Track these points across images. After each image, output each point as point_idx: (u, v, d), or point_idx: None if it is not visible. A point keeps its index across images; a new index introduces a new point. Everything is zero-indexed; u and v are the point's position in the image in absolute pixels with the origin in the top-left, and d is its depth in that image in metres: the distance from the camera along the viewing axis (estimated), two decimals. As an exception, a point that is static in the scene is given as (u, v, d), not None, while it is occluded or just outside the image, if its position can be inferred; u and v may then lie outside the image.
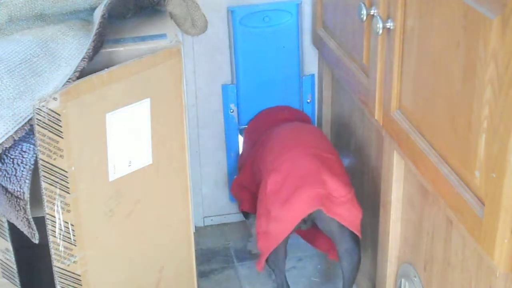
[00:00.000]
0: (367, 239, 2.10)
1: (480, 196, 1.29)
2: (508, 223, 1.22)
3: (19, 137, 1.35)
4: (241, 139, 2.41)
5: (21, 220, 1.39)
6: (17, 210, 1.38)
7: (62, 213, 1.39)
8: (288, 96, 2.38)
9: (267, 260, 1.97)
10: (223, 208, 2.54)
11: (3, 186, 1.38)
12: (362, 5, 1.68)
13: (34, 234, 1.40)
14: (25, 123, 1.35)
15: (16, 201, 1.37)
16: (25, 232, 1.41)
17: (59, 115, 1.31)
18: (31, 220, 1.38)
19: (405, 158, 1.62)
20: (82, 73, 1.39)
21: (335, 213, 1.83)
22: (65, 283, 1.46)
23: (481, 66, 1.22)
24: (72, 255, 1.44)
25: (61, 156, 1.34)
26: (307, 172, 1.85)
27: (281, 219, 1.84)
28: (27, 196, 1.35)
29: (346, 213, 1.85)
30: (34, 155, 1.35)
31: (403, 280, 1.80)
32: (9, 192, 1.37)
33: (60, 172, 1.36)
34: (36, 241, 1.41)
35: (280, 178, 1.87)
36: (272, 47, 2.29)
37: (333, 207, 1.83)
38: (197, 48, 2.28)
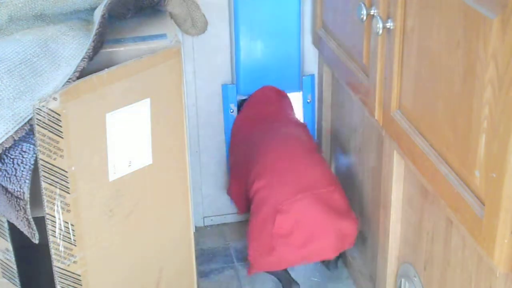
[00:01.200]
0: (367, 239, 2.10)
1: (480, 196, 1.29)
2: (508, 223, 1.22)
3: (19, 137, 1.35)
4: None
5: (21, 220, 1.39)
6: (17, 210, 1.38)
7: (62, 213, 1.39)
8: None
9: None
10: (223, 208, 2.54)
11: (3, 186, 1.38)
12: (362, 5, 1.68)
13: (34, 234, 1.40)
14: (25, 123, 1.35)
15: (16, 201, 1.37)
16: (25, 232, 1.41)
17: (59, 115, 1.31)
18: (31, 220, 1.38)
19: (405, 158, 1.62)
20: (82, 73, 1.39)
21: (347, 247, 2.06)
22: (65, 283, 1.45)
23: (481, 66, 1.22)
24: (72, 255, 1.44)
25: (61, 156, 1.34)
26: (320, 222, 1.96)
27: (293, 260, 2.00)
28: (27, 196, 1.35)
29: (353, 241, 2.05)
30: (34, 155, 1.35)
31: (403, 280, 1.80)
32: (9, 192, 1.37)
33: (60, 172, 1.36)
34: (36, 241, 1.41)
35: (290, 222, 1.96)
36: (273, 17, 2.26)
37: (345, 245, 2.04)
38: (197, 48, 2.28)
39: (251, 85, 2.32)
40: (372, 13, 1.66)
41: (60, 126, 1.32)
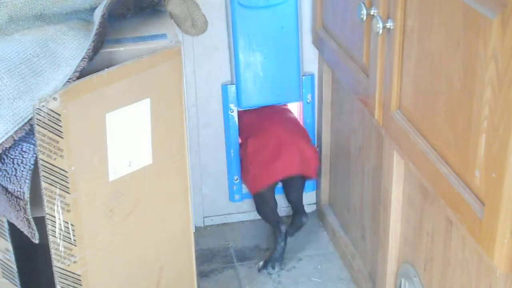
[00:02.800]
0: (367, 239, 2.10)
1: (480, 196, 1.29)
2: (508, 223, 1.22)
3: (19, 137, 1.35)
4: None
5: (21, 220, 1.39)
6: (17, 210, 1.38)
7: (62, 213, 1.39)
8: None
9: (262, 216, 2.39)
10: (223, 208, 2.54)
11: (3, 186, 1.38)
12: (362, 5, 1.68)
13: (34, 234, 1.40)
14: (25, 123, 1.35)
15: (16, 201, 1.37)
16: (25, 232, 1.41)
17: (59, 115, 1.31)
18: (31, 220, 1.38)
19: (405, 158, 1.62)
20: (82, 73, 1.39)
21: (309, 174, 2.32)
22: (65, 283, 1.46)
23: (481, 66, 1.22)
24: (72, 255, 1.44)
25: (61, 156, 1.34)
26: (286, 141, 2.26)
27: (265, 176, 2.29)
28: (27, 196, 1.35)
29: (315, 170, 2.33)
30: (34, 155, 1.35)
31: (403, 280, 1.80)
32: (9, 192, 1.37)
33: (60, 172, 1.36)
34: (36, 241, 1.41)
35: (259, 143, 2.27)
36: (271, 28, 2.28)
37: (308, 169, 2.30)
38: (197, 48, 2.28)
39: (253, 98, 2.35)
40: (372, 13, 1.66)
41: (60, 126, 1.32)
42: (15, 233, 1.54)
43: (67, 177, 1.37)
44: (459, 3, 1.28)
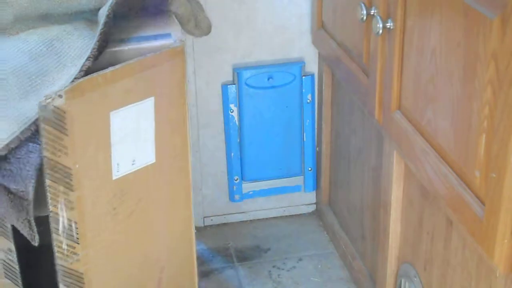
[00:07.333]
0: (367, 239, 2.11)
1: (480, 196, 1.30)
2: (508, 223, 1.22)
3: (25, 137, 1.35)
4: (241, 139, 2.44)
5: (22, 222, 1.39)
6: (19, 211, 1.38)
7: (66, 210, 1.39)
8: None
9: None
10: (223, 208, 2.54)
11: (5, 187, 1.38)
12: (362, 5, 1.69)
13: (34, 236, 1.40)
14: (31, 123, 1.36)
15: (19, 201, 1.37)
16: (25, 234, 1.41)
17: (64, 112, 1.31)
18: (33, 221, 1.38)
19: (405, 158, 1.63)
20: (87, 73, 1.39)
21: None
22: (68, 281, 1.46)
23: (481, 66, 1.23)
24: (75, 253, 1.45)
25: (65, 153, 1.35)
26: None
27: None
28: (31, 196, 1.35)
29: None
30: (41, 155, 1.36)
31: (403, 280, 1.80)
32: (12, 193, 1.38)
33: (64, 170, 1.36)
34: (36, 244, 1.41)
35: None
36: (276, 107, 2.41)
37: None
38: (197, 48, 2.29)
39: (256, 172, 2.48)
40: (372, 13, 1.66)
41: (65, 124, 1.33)
42: (18, 233, 1.54)
43: (71, 174, 1.37)
44: (459, 3, 1.29)
